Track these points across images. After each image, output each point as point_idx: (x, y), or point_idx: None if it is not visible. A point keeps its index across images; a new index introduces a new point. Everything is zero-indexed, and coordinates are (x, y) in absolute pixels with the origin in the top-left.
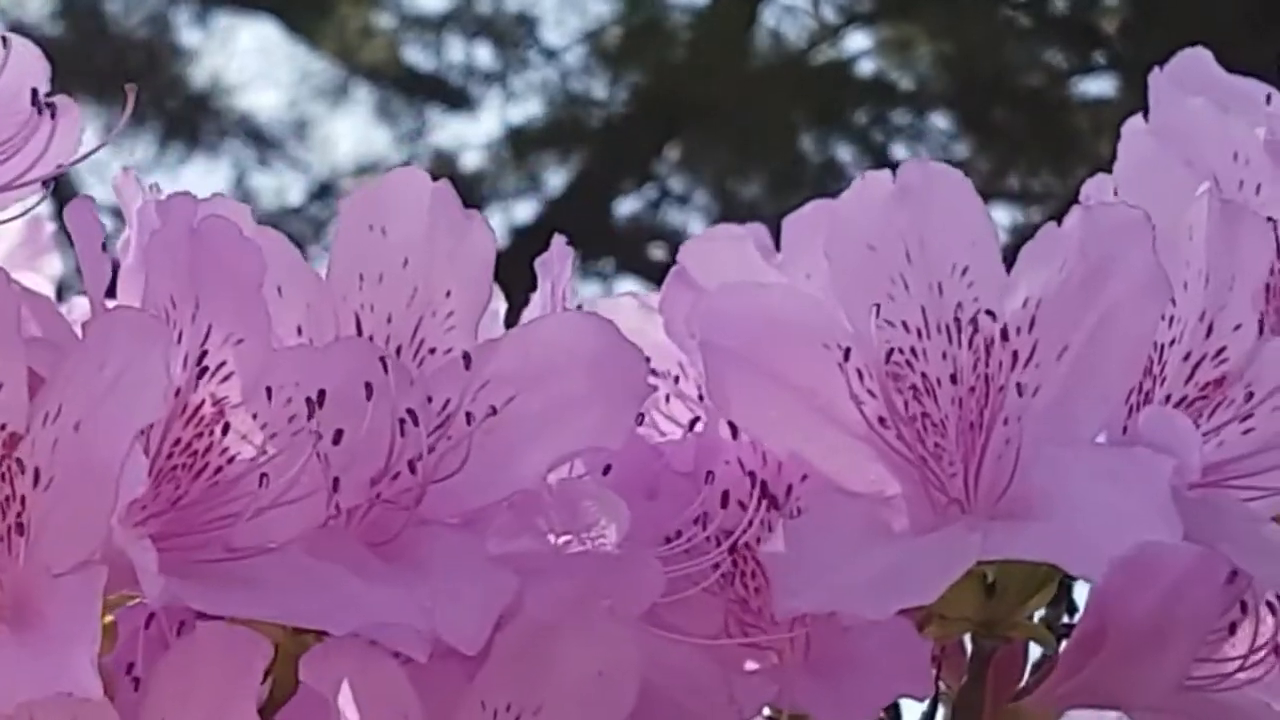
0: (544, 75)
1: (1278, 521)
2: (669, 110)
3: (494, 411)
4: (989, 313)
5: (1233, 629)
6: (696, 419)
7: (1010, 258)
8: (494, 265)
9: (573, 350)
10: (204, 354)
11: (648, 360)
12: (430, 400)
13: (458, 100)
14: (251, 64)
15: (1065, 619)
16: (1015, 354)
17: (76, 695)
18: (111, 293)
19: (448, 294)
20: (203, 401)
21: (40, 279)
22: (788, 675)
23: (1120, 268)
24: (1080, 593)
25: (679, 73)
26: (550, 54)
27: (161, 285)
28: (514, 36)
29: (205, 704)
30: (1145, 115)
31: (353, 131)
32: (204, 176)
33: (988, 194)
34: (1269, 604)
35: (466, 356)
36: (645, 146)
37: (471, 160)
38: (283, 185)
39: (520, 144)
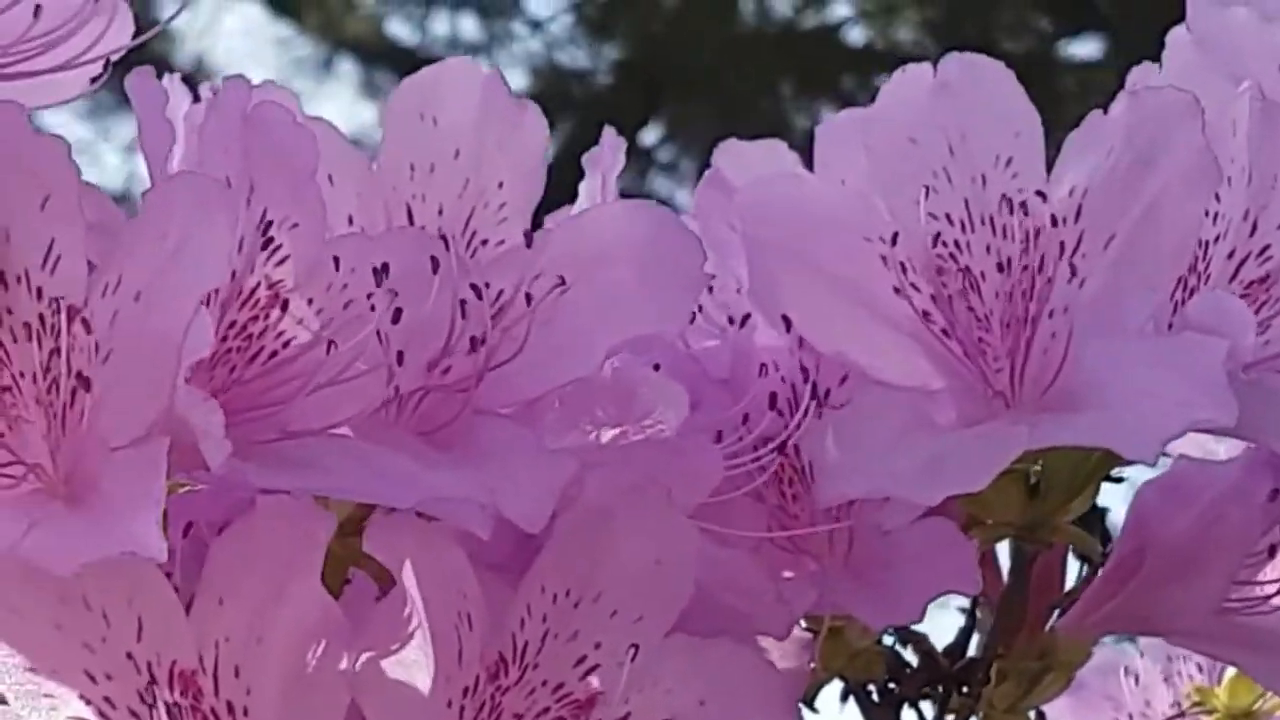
0: (529, 47)
1: None
2: (655, 80)
3: (562, 283)
4: (1039, 193)
5: (1272, 552)
6: (742, 317)
7: None
8: (547, 156)
9: (628, 237)
10: (261, 236)
11: (702, 247)
12: (488, 286)
13: None
14: (237, 44)
15: (1100, 549)
16: (1061, 244)
17: (142, 555)
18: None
19: (500, 185)
20: (258, 284)
21: None
22: (828, 579)
23: (1169, 152)
24: (1114, 522)
25: (665, 42)
26: (535, 25)
27: (216, 168)
28: (499, 8)
29: (266, 579)
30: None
31: (338, 107)
32: None
33: None
34: None
35: (528, 236)
36: (632, 116)
37: None
38: None
39: None
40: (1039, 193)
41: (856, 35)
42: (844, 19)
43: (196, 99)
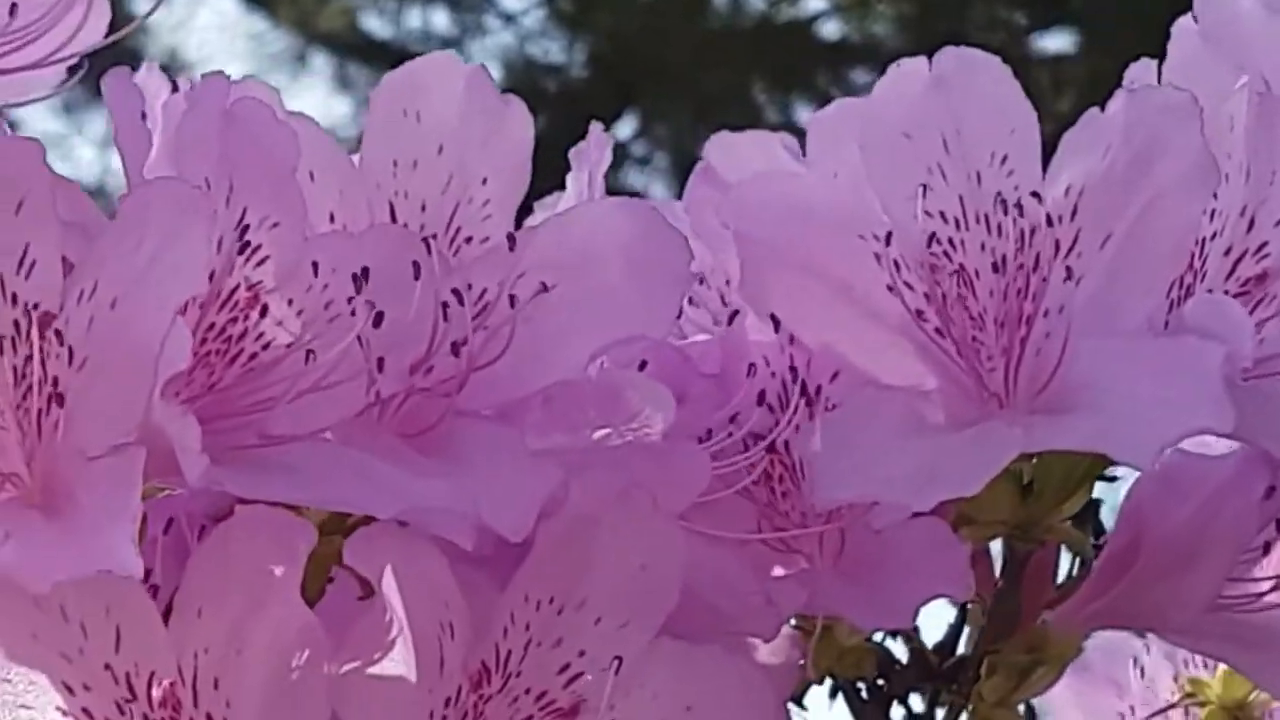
0: (502, 40)
1: None
2: (628, 74)
3: (545, 288)
4: (1034, 194)
5: (1267, 549)
6: (729, 314)
7: None
8: (531, 151)
9: (613, 236)
10: (240, 237)
11: (689, 246)
12: (470, 287)
13: None
14: (211, 38)
15: (1093, 541)
16: (1057, 243)
17: (117, 573)
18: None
19: (484, 181)
20: (238, 285)
21: None
22: (819, 579)
23: (1166, 151)
24: (1108, 516)
25: (638, 36)
26: (508, 18)
27: (194, 167)
28: (471, 2)
29: (245, 590)
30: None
31: (313, 101)
32: None
33: None
34: None
35: (511, 238)
36: (605, 110)
37: None
38: None
39: None
40: (1034, 193)
41: (830, 29)
42: (818, 13)
43: (175, 88)
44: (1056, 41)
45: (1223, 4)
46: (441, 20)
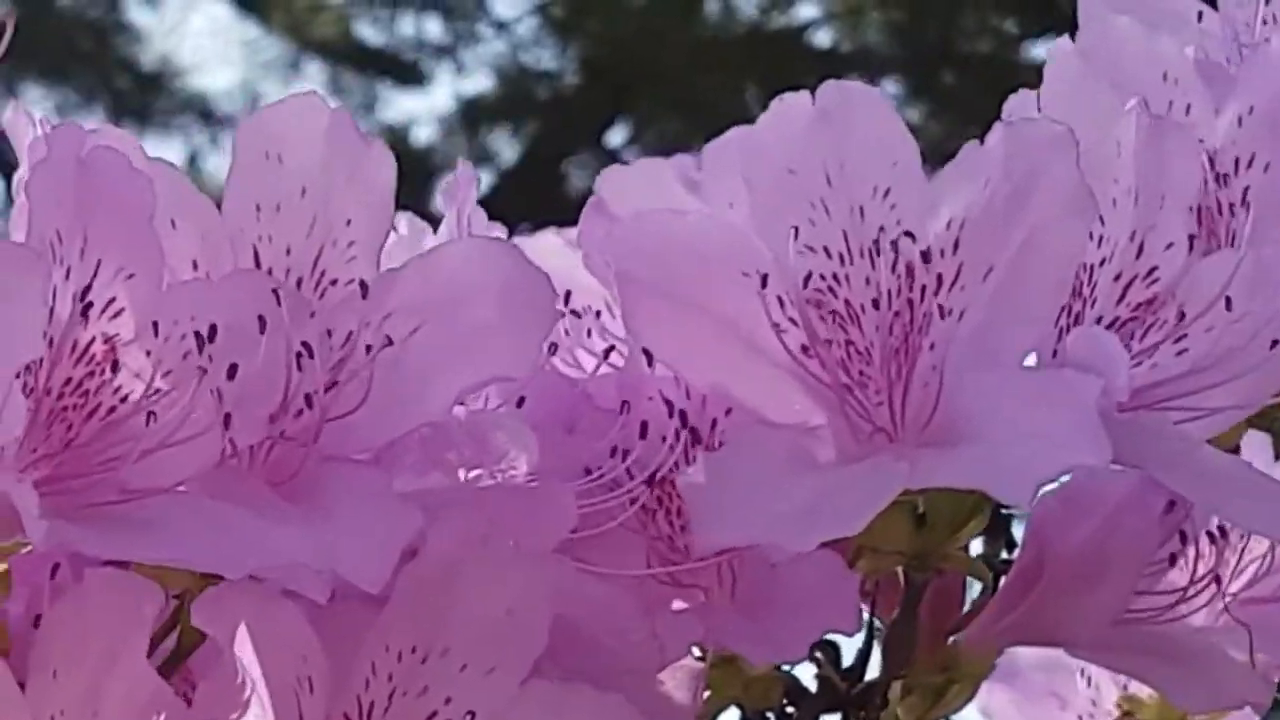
0: (494, 48)
1: (1213, 444)
2: (620, 81)
3: (390, 342)
4: (909, 234)
5: (1172, 561)
6: (615, 351)
7: None
8: (395, 192)
9: (477, 276)
10: (91, 289)
11: (552, 285)
12: (331, 333)
13: (409, 74)
14: (204, 44)
15: (1004, 555)
16: (939, 277)
17: None
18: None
19: (348, 222)
20: (93, 339)
21: None
22: (714, 614)
23: (1044, 184)
24: (1019, 529)
25: (630, 43)
26: (501, 26)
27: (47, 218)
28: (464, 9)
29: (96, 652)
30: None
31: None
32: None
33: (939, 159)
34: (1209, 534)
35: (363, 285)
36: (597, 117)
37: (424, 134)
38: None
39: (472, 117)
40: (908, 233)
41: (822, 37)
42: (810, 21)
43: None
44: (1047, 49)
45: (1102, 23)
46: (434, 28)
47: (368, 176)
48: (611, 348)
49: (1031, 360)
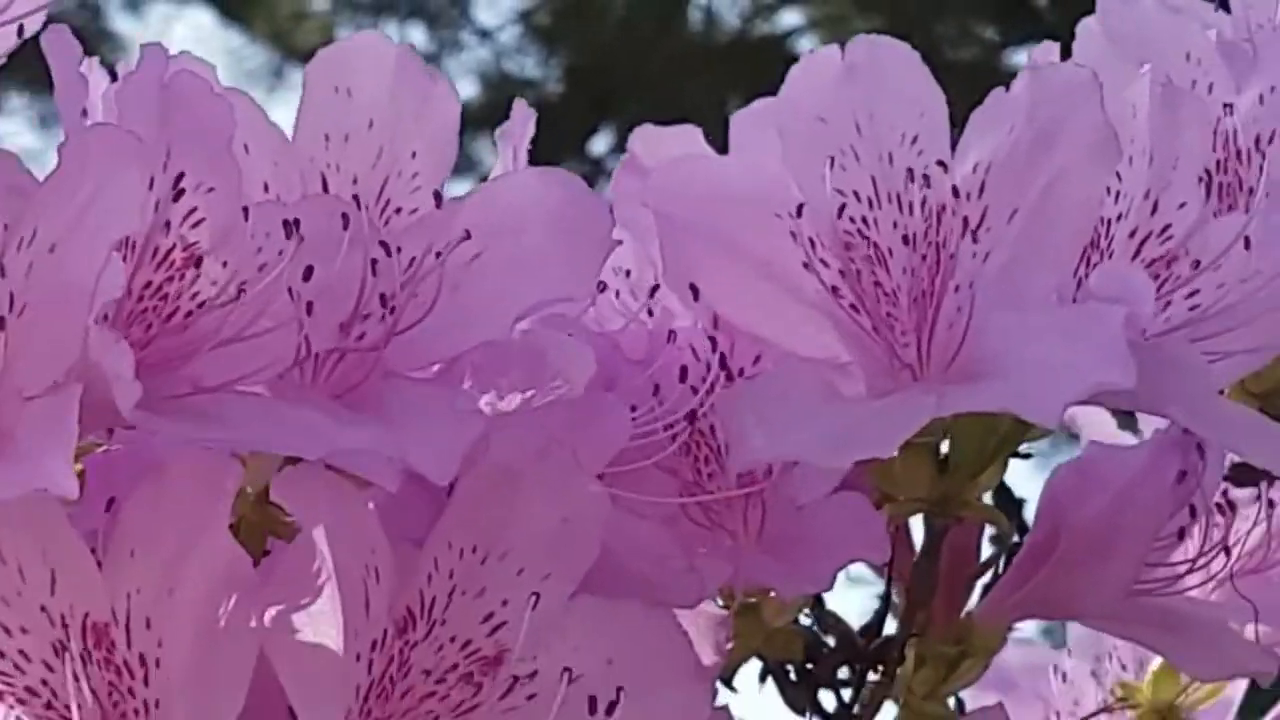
0: (478, 56)
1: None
2: (604, 89)
3: (465, 256)
4: (940, 163)
5: (1182, 534)
6: (649, 289)
7: None
8: (459, 125)
9: (536, 203)
10: (176, 198)
11: (610, 211)
12: (401, 249)
13: None
14: (187, 52)
15: (1015, 536)
16: (965, 219)
17: (53, 493)
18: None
19: (413, 155)
20: (173, 245)
21: None
22: (742, 554)
23: (1069, 128)
24: (1030, 512)
25: (614, 51)
26: (484, 34)
27: (134, 130)
28: (447, 18)
29: (176, 531)
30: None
31: (289, 116)
32: None
33: None
34: (1218, 505)
35: (438, 197)
36: (581, 125)
37: None
38: None
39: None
40: (940, 162)
41: (806, 44)
42: (793, 28)
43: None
44: (1033, 52)
45: (1126, 5)
46: (418, 36)
47: (433, 111)
48: (657, 287)
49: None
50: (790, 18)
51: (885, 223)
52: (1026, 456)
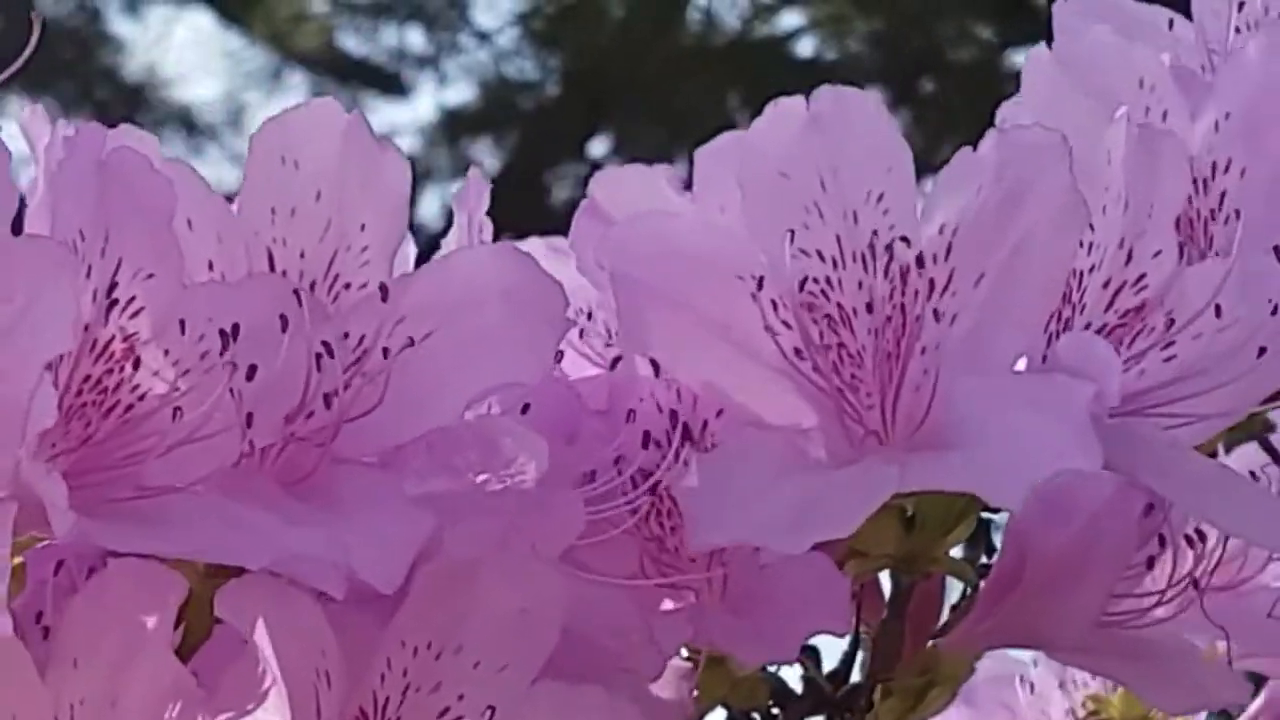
0: (476, 58)
1: (1201, 450)
2: (603, 91)
3: (411, 344)
4: (904, 239)
5: (1150, 564)
6: (612, 359)
7: None
8: (409, 198)
9: (490, 283)
10: (114, 288)
11: (564, 292)
12: (348, 335)
13: (391, 85)
14: (187, 55)
15: (984, 560)
16: (932, 282)
17: None
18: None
19: (362, 227)
20: (113, 337)
21: None
22: (705, 614)
23: (1036, 190)
24: (999, 534)
25: (612, 53)
26: (482, 36)
27: (69, 217)
28: (446, 20)
29: (118, 642)
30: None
31: None
32: None
33: (923, 167)
34: (1187, 538)
35: (383, 288)
36: (579, 128)
37: (406, 144)
38: (219, 176)
39: (454, 127)
40: (904, 238)
41: (805, 47)
42: (793, 30)
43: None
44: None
45: (1077, 32)
46: (417, 39)
47: (382, 181)
48: (612, 359)
49: (1022, 365)
50: (790, 19)
51: (850, 284)
52: (996, 511)
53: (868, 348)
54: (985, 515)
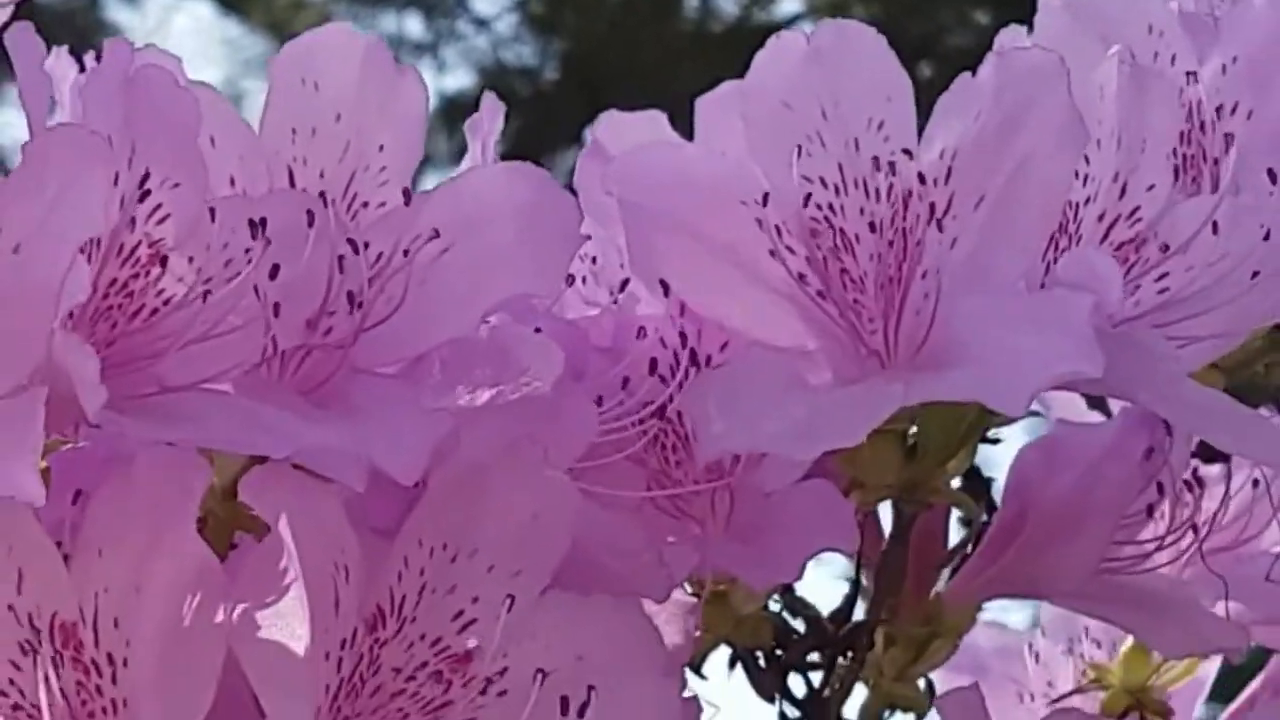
0: (475, 44)
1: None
2: (600, 77)
3: (427, 258)
4: (906, 151)
5: (1150, 511)
6: (621, 288)
7: None
8: (426, 120)
9: (505, 198)
10: (141, 196)
11: (578, 206)
12: (368, 245)
13: None
14: (186, 43)
15: (983, 517)
16: (932, 205)
17: (20, 499)
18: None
19: (380, 148)
20: (139, 242)
21: None
22: (710, 542)
23: (1035, 112)
24: (998, 492)
25: (609, 39)
26: (481, 23)
27: (98, 128)
28: (444, 7)
29: (143, 527)
30: None
31: None
32: None
33: None
34: (1185, 483)
35: (406, 195)
36: (577, 113)
37: None
38: None
39: (452, 113)
40: (906, 150)
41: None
42: (791, 16)
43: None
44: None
45: None
46: (415, 25)
47: (400, 104)
48: (627, 281)
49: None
50: (789, 5)
51: (852, 209)
52: (995, 442)
53: (870, 271)
54: (987, 476)
